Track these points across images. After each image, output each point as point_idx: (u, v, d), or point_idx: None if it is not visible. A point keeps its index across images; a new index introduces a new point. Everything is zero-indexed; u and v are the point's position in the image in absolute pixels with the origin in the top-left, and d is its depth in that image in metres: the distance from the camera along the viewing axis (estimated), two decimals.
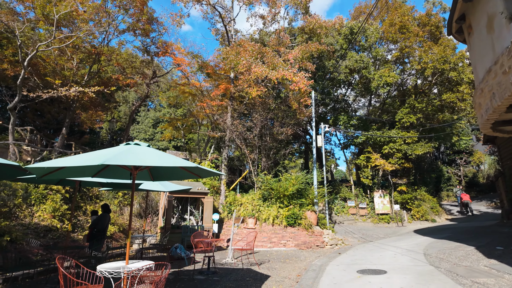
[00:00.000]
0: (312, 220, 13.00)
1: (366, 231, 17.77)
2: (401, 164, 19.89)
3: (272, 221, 12.72)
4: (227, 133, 14.85)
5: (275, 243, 12.08)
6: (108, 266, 4.50)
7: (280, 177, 14.14)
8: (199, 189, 12.74)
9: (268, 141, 15.48)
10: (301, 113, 15.22)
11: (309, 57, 14.95)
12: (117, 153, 3.89)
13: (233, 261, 9.01)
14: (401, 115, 19.93)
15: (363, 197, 22.01)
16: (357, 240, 14.52)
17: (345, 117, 20.29)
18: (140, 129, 32.60)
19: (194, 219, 13.08)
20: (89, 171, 5.40)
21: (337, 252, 11.14)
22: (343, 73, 19.04)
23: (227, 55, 13.07)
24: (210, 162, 16.47)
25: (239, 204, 14.11)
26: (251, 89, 12.66)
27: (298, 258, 9.98)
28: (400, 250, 10.31)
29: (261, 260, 9.47)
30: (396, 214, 20.16)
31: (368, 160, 20.59)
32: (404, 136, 18.89)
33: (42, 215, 10.39)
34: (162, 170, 5.89)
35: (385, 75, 18.73)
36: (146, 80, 16.58)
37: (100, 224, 8.01)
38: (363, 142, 20.78)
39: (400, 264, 8.01)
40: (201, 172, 5.49)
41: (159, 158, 4.20)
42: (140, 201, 14.84)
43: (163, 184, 8.98)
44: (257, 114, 14.52)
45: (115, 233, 12.58)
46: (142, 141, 32.57)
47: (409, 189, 21.02)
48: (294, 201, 13.40)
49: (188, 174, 5.91)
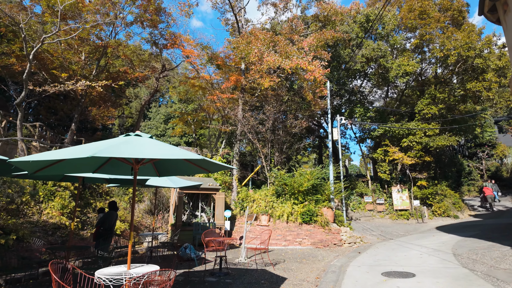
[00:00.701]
0: (329, 217, 12.36)
1: (384, 228, 16.98)
2: (421, 157, 18.91)
3: (287, 218, 12.16)
4: (238, 126, 14.29)
5: (290, 241, 11.52)
6: (108, 271, 4.04)
7: (294, 172, 13.52)
8: (210, 185, 12.28)
9: (281, 135, 14.83)
10: (316, 104, 14.48)
11: (324, 45, 14.17)
12: (112, 145, 3.39)
13: (246, 261, 8.51)
14: (421, 106, 18.90)
15: (380, 193, 21.16)
16: (376, 238, 13.79)
17: (361, 109, 19.41)
18: (152, 125, 32.50)
19: (206, 216, 12.65)
20: (88, 166, 4.95)
21: (356, 251, 10.49)
22: (359, 63, 18.14)
23: (238, 44, 12.44)
24: (221, 157, 15.99)
25: (252, 200, 13.60)
26: (263, 79, 12.02)
27: (315, 257, 9.39)
28: (426, 250, 9.57)
29: (276, 259, 8.93)
30: (416, 210, 19.24)
31: (386, 153, 19.69)
32: (425, 128, 17.91)
33: (51, 212, 10.14)
34: (168, 165, 5.39)
35: (404, 64, 17.74)
36: (155, 74, 16.17)
37: (106, 222, 7.63)
38: (380, 135, 19.87)
39: (429, 266, 7.32)
40: (210, 166, 4.96)
41: (161, 150, 3.68)
42: (151, 197, 14.53)
43: (172, 180, 8.52)
44: (269, 106, 13.85)
45: (125, 230, 12.29)
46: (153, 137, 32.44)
47: (430, 183, 20.02)
48: (309, 197, 12.78)
49: (196, 169, 5.39)
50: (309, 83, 13.68)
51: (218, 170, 5.16)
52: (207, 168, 5.16)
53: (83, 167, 4.87)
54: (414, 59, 19.17)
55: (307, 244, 11.35)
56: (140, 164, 4.38)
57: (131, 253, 9.57)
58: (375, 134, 19.75)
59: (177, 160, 5.08)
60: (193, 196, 12.90)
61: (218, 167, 4.94)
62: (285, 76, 14.35)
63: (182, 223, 11.58)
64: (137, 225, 13.10)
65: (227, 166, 4.70)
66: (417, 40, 18.80)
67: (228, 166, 4.70)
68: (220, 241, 7.78)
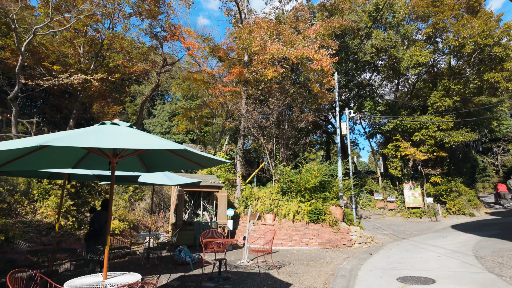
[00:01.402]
0: (338, 215, 11.68)
1: (396, 226, 16.20)
2: (434, 152, 18.01)
3: (293, 217, 11.53)
4: (241, 121, 13.67)
5: (296, 241, 10.89)
6: (80, 282, 3.48)
7: (301, 168, 12.86)
8: (212, 183, 11.71)
9: (286, 130, 14.14)
10: (323, 97, 13.74)
11: (331, 34, 13.41)
12: (73, 134, 2.81)
13: (248, 263, 7.92)
14: (434, 98, 17.99)
15: (391, 190, 20.34)
16: (388, 237, 13.06)
17: (371, 102, 18.58)
18: (156, 123, 32.15)
19: (208, 215, 12.11)
20: (64, 162, 4.40)
21: (367, 252, 9.81)
22: (369, 54, 17.29)
23: (240, 34, 11.79)
24: (224, 153, 15.43)
25: (256, 198, 13.00)
26: (266, 70, 11.34)
27: (323, 259, 8.75)
28: (443, 251, 8.84)
29: (281, 262, 8.32)
30: (429, 208, 18.38)
31: (397, 149, 18.84)
32: (439, 122, 17.00)
33: (45, 211, 9.72)
34: (155, 159, 4.82)
35: (416, 54, 16.85)
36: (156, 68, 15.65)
37: (96, 222, 7.11)
38: (391, 129, 19.02)
39: (449, 270, 6.61)
40: (201, 160, 4.36)
41: (135, 139, 3.08)
42: (151, 195, 14.04)
43: (168, 177, 7.96)
44: (273, 98, 13.15)
45: (125, 229, 11.83)
46: (158, 134, 32.10)
47: (443, 180, 19.09)
48: (316, 194, 12.12)
49: (189, 164, 4.80)
50: (316, 74, 12.95)
51: (211, 165, 4.57)
52: (198, 162, 4.56)
53: (58, 162, 4.33)
54: (426, 50, 18.23)
55: (315, 244, 10.71)
56: (119, 158, 3.80)
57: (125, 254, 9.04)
58: (386, 129, 18.90)
59: (164, 154, 4.50)
60: (195, 194, 12.37)
61: (210, 161, 4.33)
62: (290, 67, 13.63)
63: (182, 222, 11.05)
64: (137, 224, 12.65)
65: (221, 160, 4.09)
66: (429, 29, 17.85)
67: (222, 160, 4.09)
68: (220, 243, 7.20)
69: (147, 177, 7.68)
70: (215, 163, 4.38)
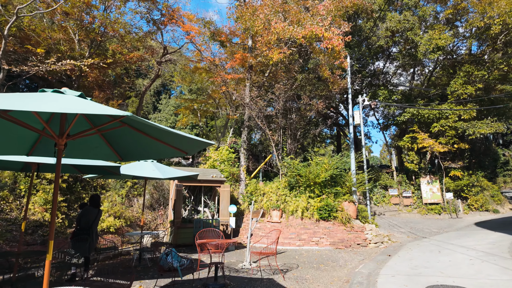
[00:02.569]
0: (351, 212, 10.64)
1: (414, 224, 15.05)
2: (455, 144, 16.69)
3: (301, 214, 10.54)
4: (245, 111, 12.69)
5: (305, 240, 9.91)
6: None
7: (310, 161, 11.83)
8: (213, 177, 10.82)
9: (294, 119, 13.06)
10: (334, 83, 12.61)
11: (343, 15, 12.24)
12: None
13: (251, 266, 7.00)
14: (454, 86, 16.62)
15: (407, 185, 19.13)
16: (406, 236, 11.96)
17: (385, 91, 17.34)
18: (162, 117, 31.48)
19: (209, 212, 11.23)
20: (14, 148, 3.54)
21: (385, 253, 8.76)
22: (383, 38, 16.02)
23: (242, 13, 10.77)
24: (228, 146, 14.52)
25: (262, 193, 12.06)
26: (271, 52, 10.28)
27: (335, 261, 7.75)
28: (474, 253, 7.73)
29: (288, 264, 7.37)
30: (449, 204, 17.14)
31: (414, 141, 17.58)
32: (460, 110, 15.66)
33: (33, 208, 8.98)
34: (125, 144, 3.90)
35: (435, 37, 15.50)
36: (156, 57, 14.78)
37: (82, 220, 6.28)
38: (407, 120, 17.75)
39: (489, 278, 5.53)
40: (181, 143, 3.44)
41: (69, 105, 2.15)
42: (151, 190, 13.27)
43: (160, 169, 7.09)
44: (279, 83, 12.03)
45: (122, 227, 11.06)
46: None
47: (464, 174, 17.76)
48: (327, 189, 11.09)
49: (170, 150, 3.87)
50: (326, 57, 11.79)
51: (194, 148, 3.64)
52: (179, 146, 3.64)
53: (4, 149, 3.47)
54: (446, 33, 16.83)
55: (326, 244, 9.71)
56: (68, 139, 2.88)
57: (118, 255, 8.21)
58: (401, 119, 17.63)
59: (133, 137, 3.57)
60: (195, 189, 11.51)
61: (192, 143, 3.40)
62: (298, 49, 12.49)
63: (181, 219, 10.20)
64: (135, 221, 11.86)
65: (205, 141, 3.17)
66: (449, 10, 16.45)
67: (206, 141, 3.17)
68: (217, 245, 6.29)
69: (133, 169, 6.82)
70: (197, 145, 3.45)
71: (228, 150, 14.07)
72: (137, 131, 3.49)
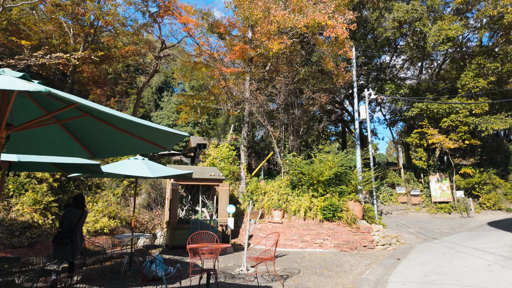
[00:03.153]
0: (357, 212, 10.06)
1: (423, 223, 14.39)
2: (466, 140, 15.95)
3: (304, 214, 10.00)
4: (245, 106, 12.13)
5: (308, 242, 9.36)
6: None
7: (313, 158, 11.26)
8: (211, 175, 10.31)
9: (296, 114, 12.45)
10: (338, 76, 11.97)
11: (348, 4, 11.57)
12: None
13: (248, 272, 6.48)
14: (465, 79, 15.87)
15: (415, 183, 18.43)
16: (415, 237, 11.34)
17: (392, 85, 16.64)
18: (163, 115, 31.11)
19: (208, 212, 10.74)
20: None
21: (393, 256, 8.18)
22: (390, 29, 15.30)
23: (240, 1, 10.20)
24: (228, 143, 14.00)
25: (263, 192, 11.53)
26: (271, 42, 9.69)
27: (340, 266, 7.19)
28: (492, 257, 7.10)
29: (288, 269, 6.83)
30: (460, 202, 16.42)
31: (422, 137, 16.88)
32: (472, 104, 14.91)
33: (21, 208, 8.57)
34: (99, 140, 3.41)
35: (445, 28, 14.76)
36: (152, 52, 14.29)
37: (65, 222, 5.81)
38: (415, 115, 17.03)
39: (511, 286, 4.94)
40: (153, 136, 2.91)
41: None
42: (149, 189, 12.82)
43: (150, 167, 6.58)
44: (280, 76, 11.42)
45: (117, 228, 10.64)
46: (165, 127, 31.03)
47: (476, 171, 17.01)
48: (331, 188, 10.52)
49: (148, 146, 3.35)
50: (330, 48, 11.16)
51: (169, 141, 3.12)
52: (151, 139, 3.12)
53: None
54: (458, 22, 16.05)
55: (330, 246, 9.15)
56: (10, 130, 2.38)
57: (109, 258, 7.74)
58: (409, 115, 16.92)
59: (102, 130, 3.05)
60: (193, 188, 11.01)
61: (165, 136, 2.87)
62: (300, 40, 11.84)
63: (178, 220, 9.72)
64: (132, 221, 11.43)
65: (179, 133, 2.64)
66: None
67: (181, 133, 2.65)
68: (209, 250, 5.78)
69: (121, 168, 6.33)
70: (172, 138, 2.93)
71: (229, 148, 13.55)
72: (103, 122, 2.97)
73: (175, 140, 2.93)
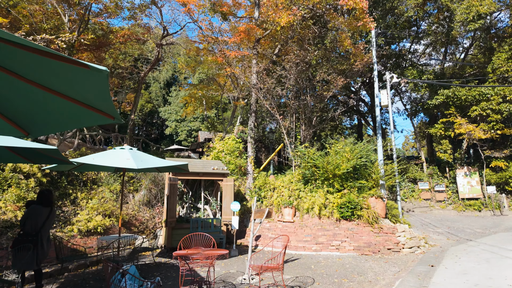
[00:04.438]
0: (379, 210, 8.82)
1: (451, 222, 12.97)
2: (499, 130, 14.36)
3: (318, 212, 8.84)
4: (252, 94, 11.00)
5: (323, 244, 8.21)
6: None
7: (328, 150, 10.06)
8: (214, 169, 9.27)
9: (308, 100, 11.19)
10: (356, 55, 10.64)
11: None
12: None
13: (251, 281, 5.41)
14: (498, 62, 14.27)
15: (439, 178, 16.93)
16: (446, 238, 10.01)
17: (414, 71, 15.18)
18: (172, 110, 30.34)
19: (210, 210, 9.73)
20: None
21: (425, 262, 6.93)
22: (412, 8, 13.79)
23: None
24: (235, 136, 12.94)
25: (271, 188, 10.43)
26: (278, 15, 8.50)
27: (363, 274, 6.02)
28: None
29: (300, 279, 5.72)
30: (491, 199, 14.86)
31: (448, 127, 15.37)
32: (507, 89, 13.33)
33: (4, 206, 7.77)
34: (27, 110, 2.37)
35: (475, 4, 13.18)
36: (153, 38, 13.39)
37: (28, 223, 4.87)
38: (440, 104, 15.49)
39: None
40: (88, 95, 1.82)
41: None
42: (148, 185, 11.92)
43: (135, 158, 5.56)
44: (290, 54, 10.11)
45: (113, 227, 9.76)
46: (173, 122, 30.24)
47: (509, 164, 15.37)
48: (349, 183, 9.31)
49: (95, 116, 2.29)
50: (347, 22, 9.82)
51: (114, 110, 2.02)
52: (97, 107, 2.03)
53: None
54: None
55: (349, 249, 7.97)
56: None
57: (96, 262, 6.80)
58: (432, 103, 15.40)
59: (29, 93, 2.01)
60: (195, 183, 10.02)
61: (104, 101, 1.77)
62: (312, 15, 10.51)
63: (176, 218, 8.75)
64: (130, 220, 10.56)
65: None
66: None
67: None
68: (204, 256, 4.74)
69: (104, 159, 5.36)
70: (106, 101, 1.85)
71: (235, 140, 12.48)
72: (22, 79, 1.93)
73: (110, 105, 1.87)
